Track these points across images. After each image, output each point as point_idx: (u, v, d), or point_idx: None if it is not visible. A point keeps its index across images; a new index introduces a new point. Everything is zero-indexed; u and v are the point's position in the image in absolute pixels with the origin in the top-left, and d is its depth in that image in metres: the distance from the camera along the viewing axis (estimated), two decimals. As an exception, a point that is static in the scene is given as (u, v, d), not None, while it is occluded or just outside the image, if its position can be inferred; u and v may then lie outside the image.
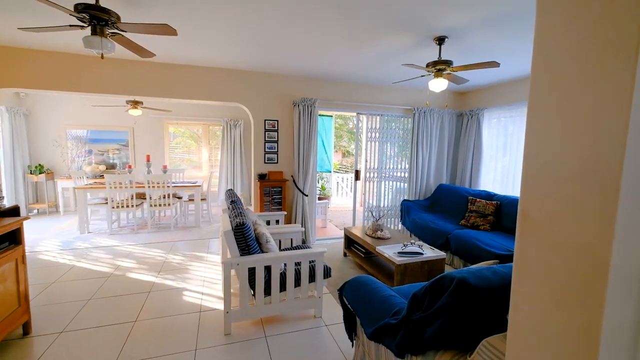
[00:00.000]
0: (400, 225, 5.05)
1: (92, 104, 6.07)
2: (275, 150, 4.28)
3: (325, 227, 5.75)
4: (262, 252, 2.42)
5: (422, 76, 2.93)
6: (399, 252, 3.07)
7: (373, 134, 4.87)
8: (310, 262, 2.53)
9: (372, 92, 4.72)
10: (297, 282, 2.44)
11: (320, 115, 7.38)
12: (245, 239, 2.22)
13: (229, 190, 3.32)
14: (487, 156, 4.79)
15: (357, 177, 4.92)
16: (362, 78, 4.34)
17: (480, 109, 4.75)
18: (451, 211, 4.52)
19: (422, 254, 3.05)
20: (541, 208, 0.73)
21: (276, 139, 4.27)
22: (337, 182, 8.51)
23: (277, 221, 3.74)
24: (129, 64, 3.66)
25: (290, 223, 4.38)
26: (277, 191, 4.19)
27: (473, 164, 4.91)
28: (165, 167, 5.38)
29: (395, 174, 5.12)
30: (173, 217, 5.56)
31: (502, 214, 3.81)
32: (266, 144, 4.24)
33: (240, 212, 2.48)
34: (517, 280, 0.78)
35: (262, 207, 4.12)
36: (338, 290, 1.95)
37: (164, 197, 5.00)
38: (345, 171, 12.62)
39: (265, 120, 4.20)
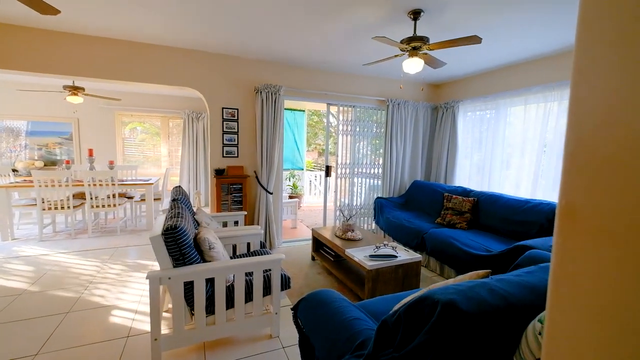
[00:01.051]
0: (374, 225, 4.75)
1: (18, 89, 5.24)
2: (235, 142, 3.81)
3: (296, 228, 5.34)
4: (205, 261, 1.97)
5: (395, 56, 2.60)
6: (370, 256, 2.73)
7: (345, 127, 4.53)
8: (265, 272, 2.11)
9: (343, 81, 4.36)
10: (249, 296, 2.02)
11: (291, 109, 6.97)
12: (178, 246, 1.76)
13: (176, 187, 2.83)
14: (462, 151, 4.59)
15: (327, 174, 4.56)
16: (331, 65, 3.97)
17: (456, 101, 4.55)
18: (426, 209, 4.27)
19: (395, 256, 2.72)
20: (591, 198, 0.39)
21: (236, 130, 3.80)
22: (310, 180, 8.12)
23: (237, 222, 3.29)
24: (51, 36, 3.04)
25: (252, 224, 3.93)
26: (237, 189, 3.72)
27: (448, 159, 4.70)
28: (111, 162, 4.72)
29: (368, 170, 4.80)
30: (122, 219, 4.91)
31: (479, 210, 3.58)
32: (225, 135, 3.75)
33: (178, 213, 2.01)
34: (554, 296, 0.43)
35: (219, 207, 3.64)
36: (292, 309, 1.55)
37: (110, 197, 4.36)
38: (320, 169, 12.27)
39: (223, 108, 3.72)
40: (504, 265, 2.61)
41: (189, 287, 1.83)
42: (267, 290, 2.08)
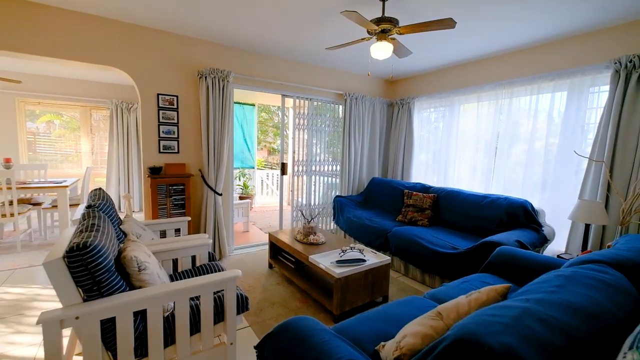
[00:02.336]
0: (333, 225, 4.52)
1: None
2: (175, 136, 3.24)
3: (248, 232, 4.87)
4: (133, 287, 1.49)
5: (363, 39, 2.35)
6: (337, 261, 2.46)
7: (301, 121, 4.20)
8: (216, 293, 1.69)
9: (300, 71, 4.03)
10: (196, 327, 1.59)
11: (240, 103, 6.41)
12: (90, 272, 1.27)
13: (95, 190, 2.23)
14: (418, 147, 4.60)
15: (283, 172, 4.19)
16: (289, 51, 3.61)
17: (411, 97, 4.53)
18: (387, 206, 4.16)
19: (364, 260, 2.50)
20: None
21: (176, 122, 3.23)
22: (262, 179, 7.63)
23: (178, 230, 2.77)
24: None
25: (198, 232, 3.39)
26: (178, 190, 3.16)
27: (405, 156, 4.68)
28: (7, 161, 3.73)
29: (326, 167, 4.55)
30: (25, 232, 3.93)
31: (439, 207, 3.56)
32: (161, 127, 3.16)
33: (92, 225, 1.49)
34: None
35: (156, 213, 3.04)
36: (255, 347, 1.19)
37: (6, 205, 3.42)
38: (271, 167, 11.79)
39: (159, 95, 3.12)
40: (471, 262, 2.55)
41: (109, 325, 1.34)
42: (219, 316, 1.67)
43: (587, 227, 2.57)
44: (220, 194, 3.40)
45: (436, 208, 3.58)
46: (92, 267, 1.26)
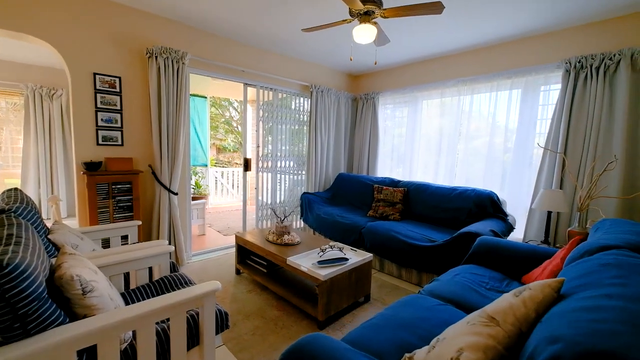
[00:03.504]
0: (301, 223, 4.30)
1: None
2: (118, 125, 2.72)
3: (204, 235, 4.41)
4: (76, 316, 1.11)
5: (344, 21, 2.18)
6: (318, 262, 2.26)
7: (266, 114, 3.89)
8: (188, 312, 1.38)
9: (264, 59, 3.72)
10: (164, 357, 1.26)
11: (191, 95, 5.81)
12: (10, 304, 0.88)
13: (9, 190, 1.73)
14: (383, 142, 4.61)
15: (246, 168, 3.84)
16: (252, 34, 3.28)
17: (376, 92, 4.51)
18: (356, 202, 4.08)
19: (346, 259, 2.34)
20: None
21: (119, 108, 2.71)
22: (216, 178, 7.07)
23: (126, 237, 2.31)
24: None
25: (150, 238, 2.91)
26: (123, 189, 2.65)
27: (370, 151, 4.65)
28: None
29: (291, 163, 4.31)
30: None
31: (409, 200, 3.57)
32: (99, 114, 2.61)
33: (9, 237, 1.08)
34: None
35: (95, 217, 2.50)
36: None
37: None
38: (223, 166, 11.10)
39: (95, 74, 2.57)
40: (450, 254, 2.55)
41: (40, 374, 0.96)
42: (193, 339, 1.36)
43: (549, 214, 2.75)
44: (176, 194, 2.95)
45: (406, 202, 3.59)
46: (13, 297, 0.88)
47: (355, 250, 2.57)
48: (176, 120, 2.87)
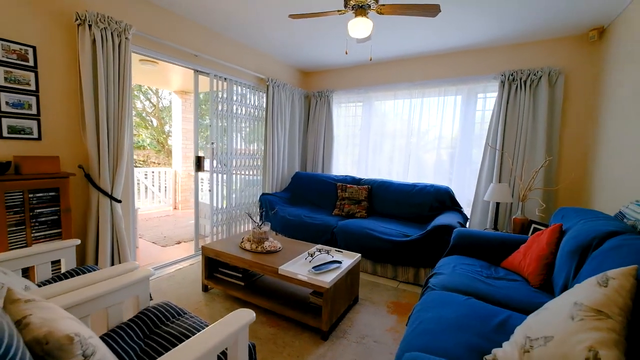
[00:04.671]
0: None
1: None
2: (33, 112, 2.01)
3: (138, 248, 3.70)
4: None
5: (338, 11, 2.05)
6: (314, 268, 2.11)
7: (220, 107, 3.46)
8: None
9: (219, 44, 3.29)
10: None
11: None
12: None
13: None
14: (337, 141, 4.63)
15: (199, 167, 3.35)
16: (208, 13, 2.85)
17: (330, 90, 4.50)
18: (318, 202, 3.99)
19: (339, 262, 2.24)
20: None
21: (33, 89, 2.00)
22: (139, 180, 6.03)
23: (57, 263, 1.74)
24: None
25: (84, 260, 2.25)
26: (45, 199, 1.97)
27: (325, 149, 4.62)
28: None
29: (246, 162, 3.95)
30: None
31: (373, 198, 3.67)
32: (2, 94, 1.88)
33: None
34: None
35: (3, 241, 1.80)
36: None
37: None
38: (137, 165, 9.61)
39: (-6, 40, 1.84)
40: (425, 247, 2.71)
41: None
42: (223, 386, 1.08)
43: (497, 205, 3.17)
44: (120, 201, 2.36)
45: (371, 199, 3.68)
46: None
47: (341, 252, 2.49)
48: (120, 108, 2.29)
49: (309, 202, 4.05)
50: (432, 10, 1.97)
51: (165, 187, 6.44)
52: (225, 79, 3.43)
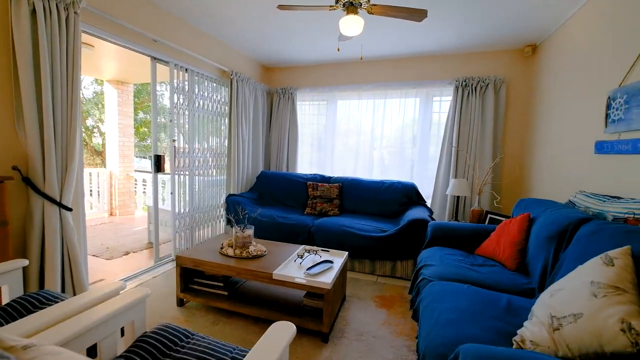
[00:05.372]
0: (221, 229, 3.73)
1: None
2: (-53, 97, 1.54)
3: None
4: None
5: (330, 7, 2.01)
6: (308, 270, 2.05)
7: (180, 100, 3.12)
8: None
9: (181, 31, 2.96)
10: None
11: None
12: None
13: None
14: (302, 139, 4.57)
15: (159, 168, 2.97)
16: (171, -4, 2.55)
17: (294, 88, 4.42)
18: (288, 201, 3.89)
19: (331, 261, 2.22)
20: None
21: (-54, 68, 1.53)
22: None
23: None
24: None
25: (28, 288, 1.81)
26: (-28, 210, 1.53)
27: (290, 147, 4.53)
28: None
29: (210, 161, 3.65)
30: None
31: (345, 195, 3.72)
32: None
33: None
34: None
35: None
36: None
37: None
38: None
39: None
40: (401, 241, 2.84)
41: None
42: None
43: (457, 198, 3.49)
44: (71, 209, 1.96)
45: (341, 197, 3.72)
46: None
47: (328, 251, 2.47)
48: (70, 97, 1.90)
49: (278, 202, 3.92)
50: (420, 15, 2.06)
51: (99, 190, 5.60)
52: (186, 69, 3.10)
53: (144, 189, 6.01)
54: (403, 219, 3.07)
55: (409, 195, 3.49)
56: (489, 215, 3.20)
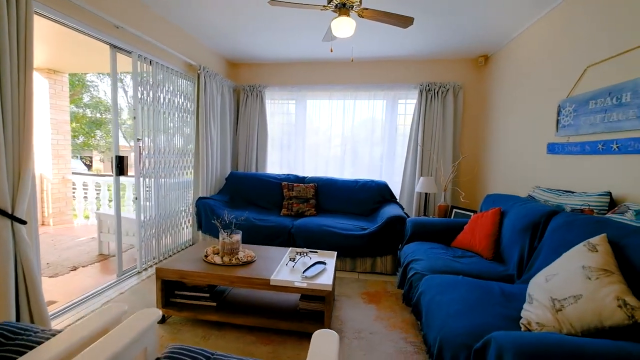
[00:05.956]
0: (199, 234, 3.47)
1: None
2: None
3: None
4: None
5: (323, 7, 1.98)
6: (304, 272, 2.03)
7: (144, 94, 2.82)
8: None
9: (147, 19, 2.66)
10: None
11: None
12: None
13: None
14: (272, 138, 4.46)
15: (121, 170, 2.65)
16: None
17: (263, 86, 4.29)
18: (262, 203, 3.77)
19: (324, 262, 2.22)
20: None
21: None
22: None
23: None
24: None
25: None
26: None
27: (259, 147, 4.38)
28: None
29: (176, 162, 3.36)
30: None
31: (320, 195, 3.73)
32: None
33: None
34: None
35: None
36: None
37: None
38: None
39: None
40: (381, 238, 2.95)
41: None
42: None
43: (426, 195, 3.73)
44: (25, 222, 1.65)
45: (317, 197, 3.72)
46: None
47: (316, 252, 2.46)
48: (23, 91, 1.59)
49: (252, 204, 3.78)
50: (407, 22, 2.16)
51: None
52: (151, 61, 2.81)
53: (85, 193, 5.30)
54: (380, 217, 3.20)
55: (382, 193, 3.64)
56: (455, 210, 3.49)
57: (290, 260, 2.21)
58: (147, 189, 2.86)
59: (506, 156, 3.22)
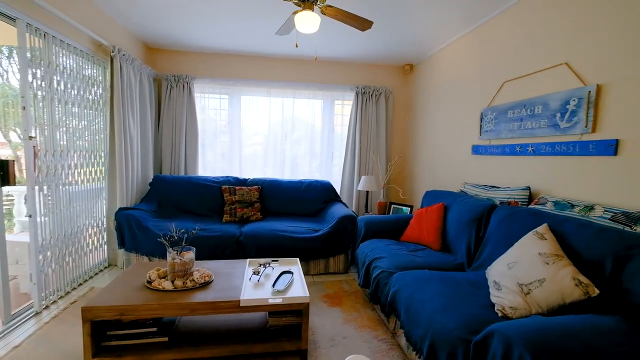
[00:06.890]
0: (122, 253, 2.84)
1: None
2: None
3: None
4: None
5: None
6: (273, 286, 1.87)
7: (37, 78, 2.13)
8: None
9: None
10: None
11: None
12: None
13: None
14: (203, 137, 3.99)
15: (4, 179, 1.94)
16: None
17: (191, 77, 3.79)
18: (198, 209, 3.33)
19: (290, 272, 2.10)
20: None
21: None
22: None
23: None
24: None
25: None
26: None
27: (188, 147, 3.87)
28: None
29: (83, 165, 2.67)
30: None
31: (265, 198, 3.52)
32: None
33: None
34: None
35: None
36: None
37: None
38: None
39: None
40: (332, 239, 2.97)
41: None
42: None
43: (367, 193, 3.90)
44: None
45: (262, 200, 3.50)
46: None
47: (277, 261, 2.31)
48: None
49: (186, 211, 3.30)
50: (366, 25, 2.18)
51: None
52: (45, 34, 2.14)
53: None
54: (329, 217, 3.21)
55: (328, 193, 3.66)
56: (393, 206, 3.77)
57: (254, 274, 2.00)
58: (49, 199, 2.18)
59: (435, 156, 3.62)
